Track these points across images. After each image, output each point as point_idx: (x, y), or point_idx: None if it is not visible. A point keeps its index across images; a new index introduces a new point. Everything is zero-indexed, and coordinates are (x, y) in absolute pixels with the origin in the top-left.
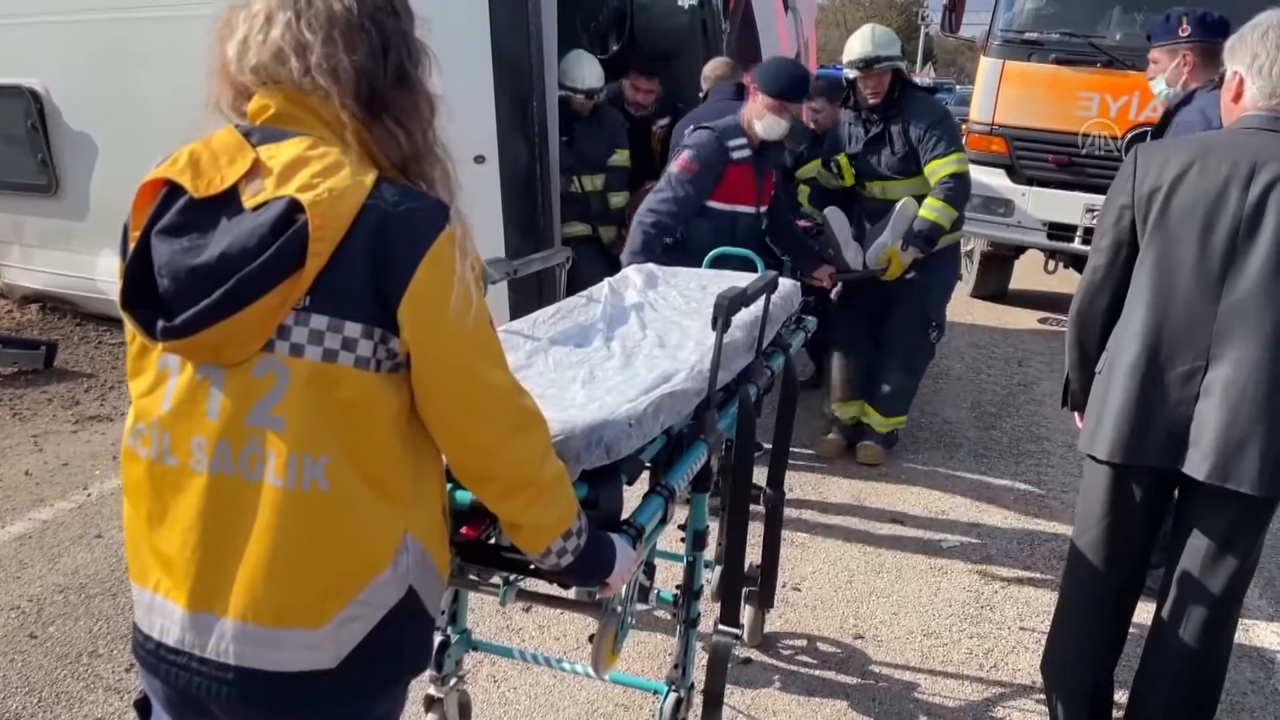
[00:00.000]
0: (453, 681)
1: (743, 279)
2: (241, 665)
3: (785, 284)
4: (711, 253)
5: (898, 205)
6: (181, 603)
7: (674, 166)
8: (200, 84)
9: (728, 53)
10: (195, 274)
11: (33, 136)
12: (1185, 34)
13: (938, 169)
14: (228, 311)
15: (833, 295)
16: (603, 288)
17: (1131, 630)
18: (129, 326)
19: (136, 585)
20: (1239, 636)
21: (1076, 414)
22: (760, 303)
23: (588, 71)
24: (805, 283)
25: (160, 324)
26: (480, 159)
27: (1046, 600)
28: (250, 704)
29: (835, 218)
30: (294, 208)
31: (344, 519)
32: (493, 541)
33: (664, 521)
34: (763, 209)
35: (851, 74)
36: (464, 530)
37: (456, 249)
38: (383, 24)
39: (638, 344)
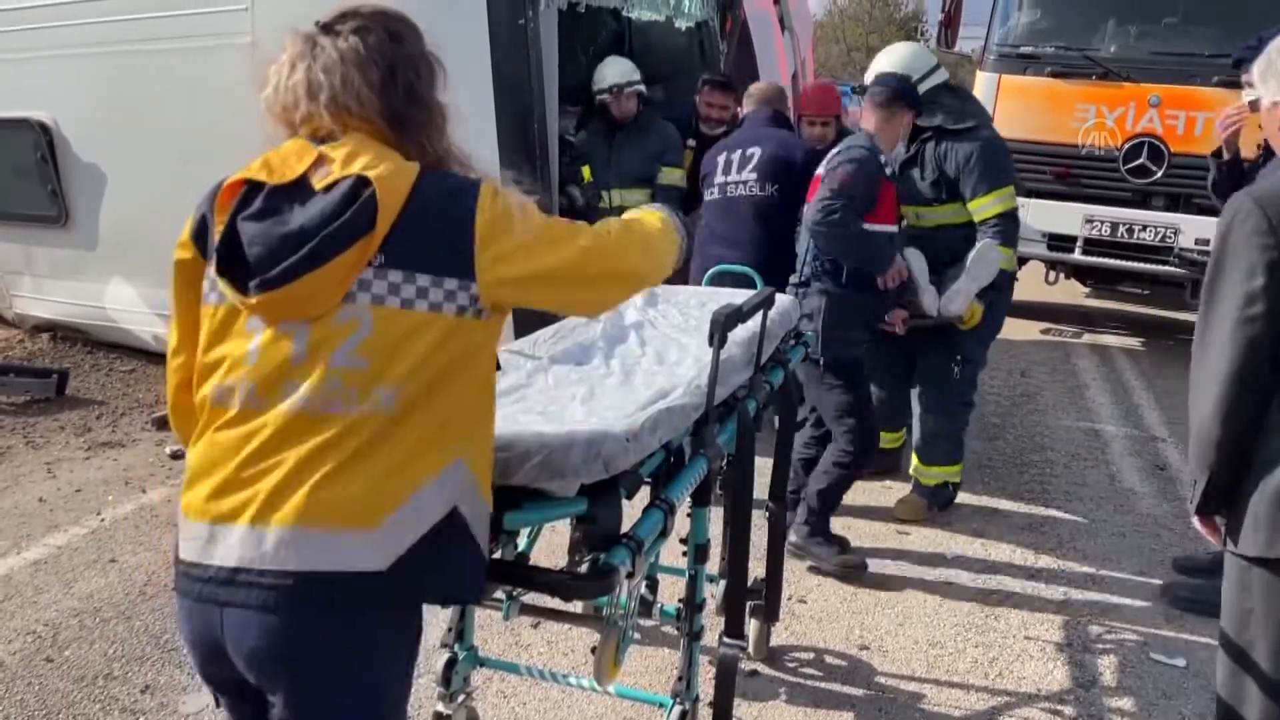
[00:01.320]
0: (460, 698)
1: (743, 296)
2: (301, 569)
3: (783, 300)
4: (711, 270)
5: (976, 249)
6: (244, 522)
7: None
8: (204, 114)
9: (725, 72)
10: (284, 239)
11: (42, 168)
12: None
13: (984, 208)
14: (315, 264)
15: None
16: (597, 327)
17: None
18: (208, 301)
19: (195, 521)
20: None
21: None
22: (758, 319)
23: (608, 70)
24: (880, 327)
25: (255, 280)
26: None
27: (1051, 609)
28: (301, 613)
29: (916, 259)
30: (361, 184)
31: (403, 440)
32: (497, 556)
33: (664, 535)
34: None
35: None
36: None
37: (493, 194)
38: (385, 52)
39: (637, 361)
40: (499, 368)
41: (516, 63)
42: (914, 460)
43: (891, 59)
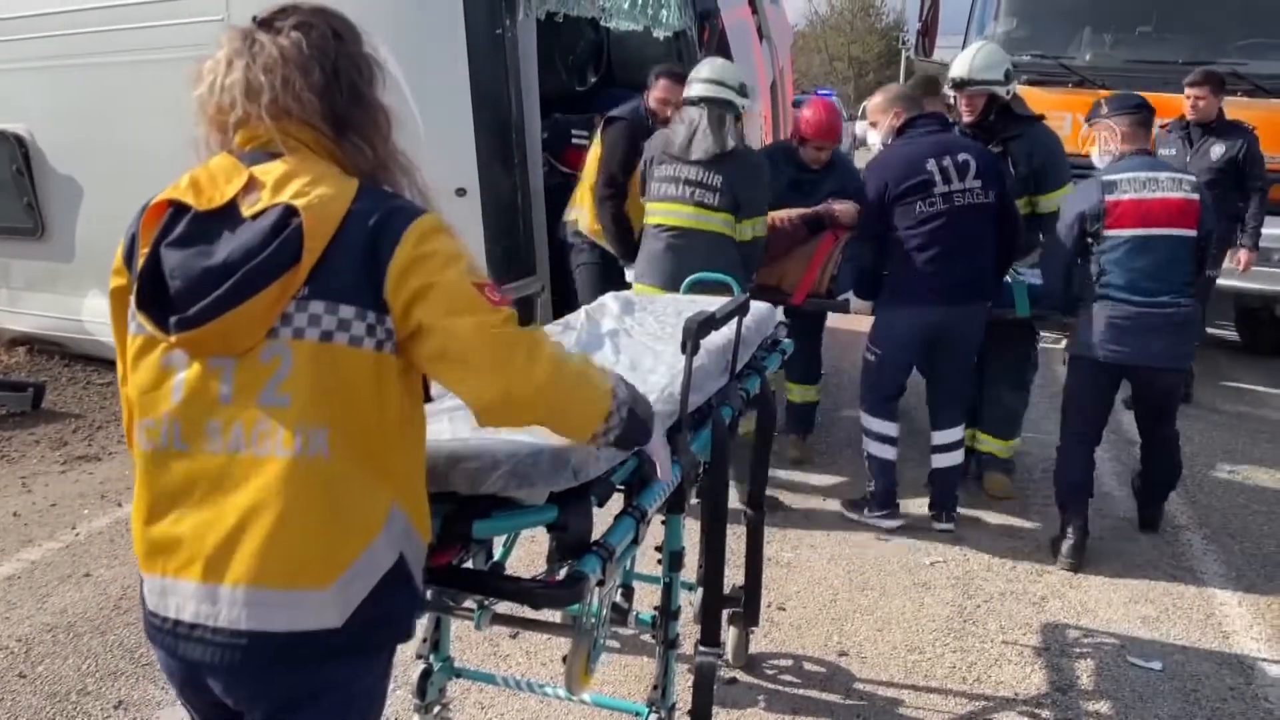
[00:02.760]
0: (436, 710)
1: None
2: (254, 629)
3: (760, 308)
4: (689, 278)
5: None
6: (195, 577)
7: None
8: (181, 126)
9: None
10: (206, 274)
11: (18, 180)
12: None
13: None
14: (236, 301)
15: None
16: (580, 315)
17: None
18: (129, 331)
19: (147, 574)
20: (1218, 644)
21: None
22: (732, 326)
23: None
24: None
25: (173, 318)
26: (461, 191)
27: (1028, 614)
28: (262, 667)
29: None
30: (289, 212)
31: (343, 487)
32: (465, 565)
33: (635, 543)
34: None
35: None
36: (434, 558)
37: (432, 230)
38: (328, 50)
39: (611, 369)
40: (430, 398)
41: (495, 72)
42: (990, 440)
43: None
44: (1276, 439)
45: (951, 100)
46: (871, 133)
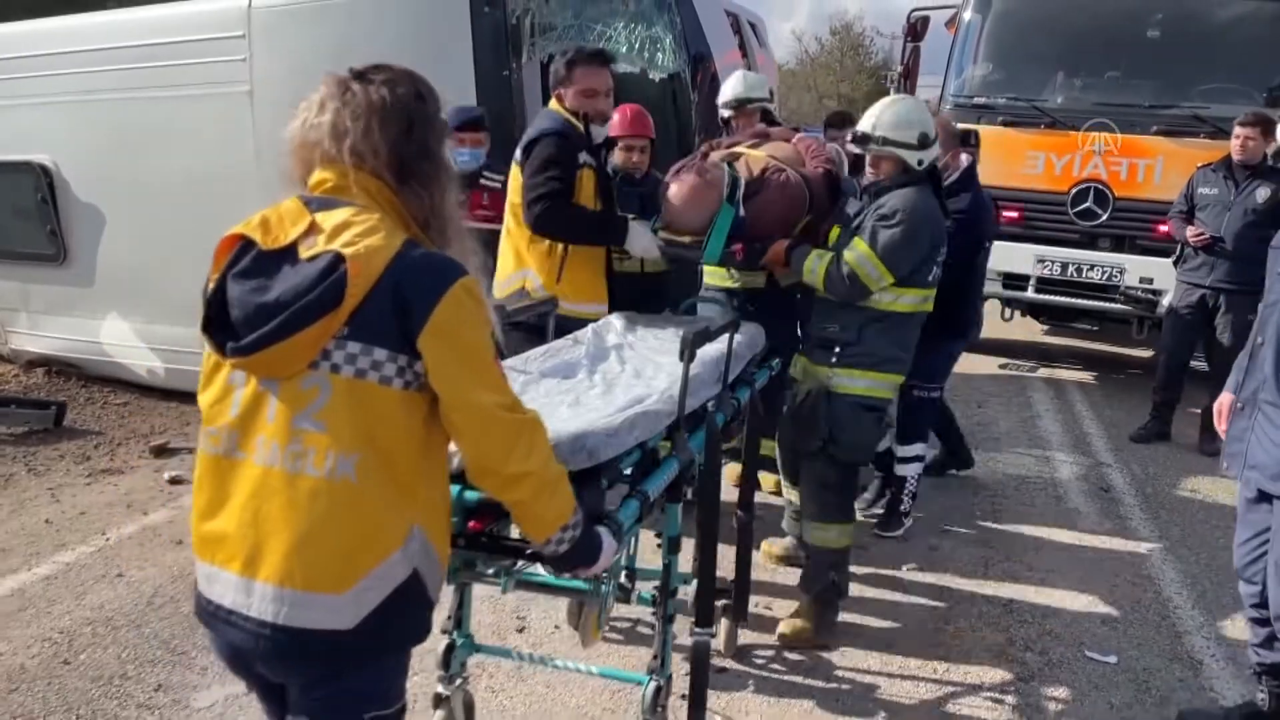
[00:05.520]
0: (458, 681)
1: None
2: (277, 623)
3: (750, 326)
4: (685, 302)
5: None
6: (235, 570)
7: None
8: (197, 160)
9: (695, 121)
10: (261, 309)
11: (42, 209)
12: None
13: None
14: (283, 336)
15: None
16: (586, 332)
17: None
18: (205, 348)
19: (200, 561)
20: (1171, 643)
21: None
22: (725, 341)
23: (728, 85)
24: None
25: (230, 345)
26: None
27: (997, 613)
28: (283, 656)
29: None
30: (338, 259)
31: (366, 507)
32: (494, 532)
33: (639, 520)
34: None
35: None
36: (471, 524)
37: (467, 296)
38: (409, 109)
39: (617, 376)
40: None
41: (503, 111)
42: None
43: None
44: None
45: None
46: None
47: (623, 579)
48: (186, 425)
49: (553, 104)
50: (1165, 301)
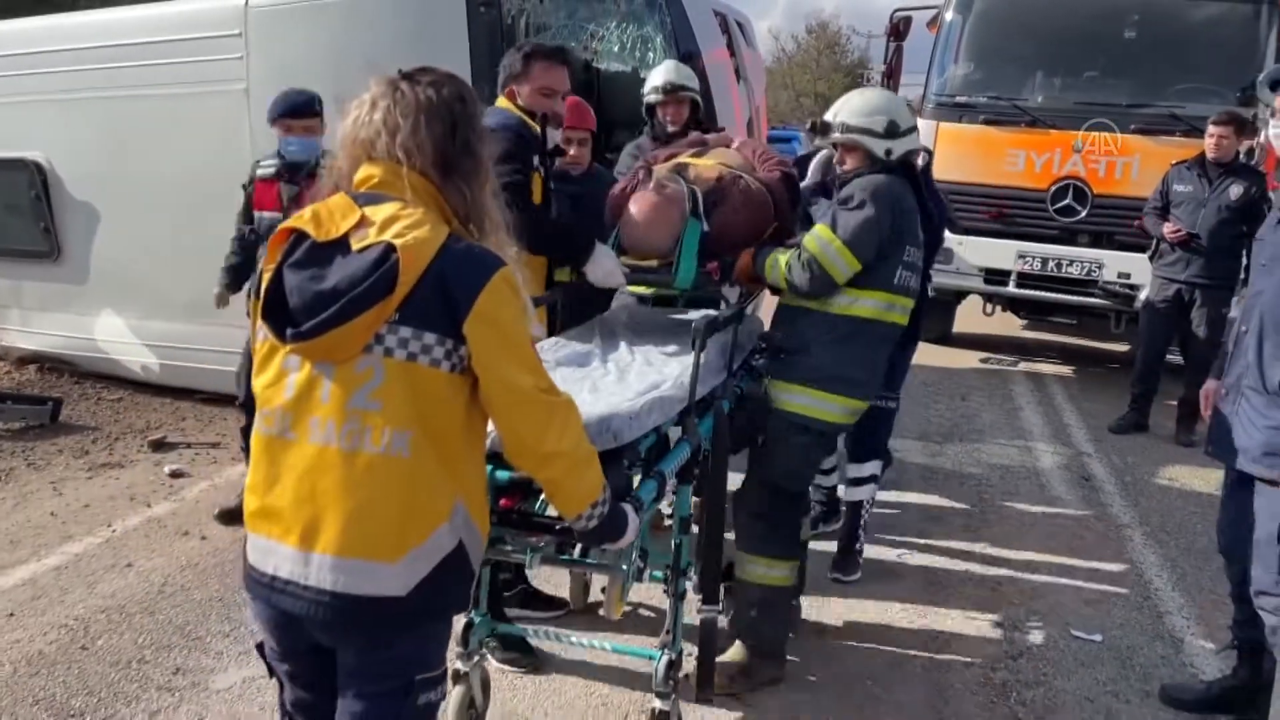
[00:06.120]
0: (476, 658)
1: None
2: (336, 590)
3: (751, 318)
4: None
5: None
6: (292, 544)
7: None
8: (190, 158)
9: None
10: (318, 296)
11: (36, 206)
12: None
13: None
14: (340, 321)
15: None
16: (594, 323)
17: None
18: (260, 333)
19: (254, 534)
20: (1153, 623)
21: None
22: (731, 330)
23: (658, 72)
24: None
25: (290, 330)
26: None
27: (985, 595)
28: (342, 622)
29: None
30: (389, 250)
31: (418, 481)
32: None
33: (656, 499)
34: None
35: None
36: (503, 501)
37: (506, 285)
38: (454, 109)
39: (629, 364)
40: None
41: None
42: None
43: None
44: None
45: None
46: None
47: (635, 557)
48: (182, 420)
49: (502, 101)
50: (1142, 296)
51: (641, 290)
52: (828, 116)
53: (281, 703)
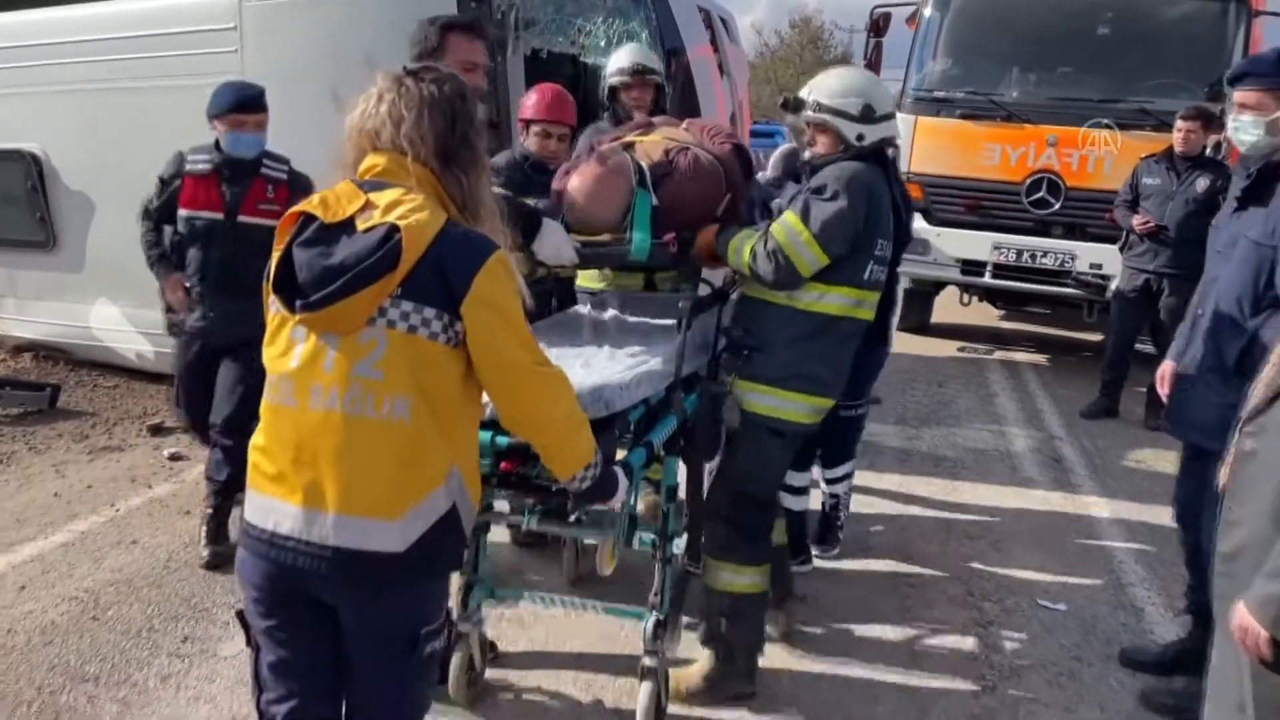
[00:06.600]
0: (474, 619)
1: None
2: (338, 545)
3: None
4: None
5: None
6: (295, 502)
7: None
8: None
9: (670, 113)
10: (326, 270)
11: (32, 196)
12: None
13: None
14: (346, 294)
15: None
16: (585, 306)
17: None
18: (272, 307)
19: (255, 493)
20: (1116, 594)
21: None
22: (715, 311)
23: (621, 54)
24: None
25: (299, 302)
26: None
27: (958, 568)
28: (340, 574)
29: None
30: (393, 230)
31: (416, 445)
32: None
33: (646, 465)
34: None
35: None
36: (504, 465)
37: (501, 267)
38: (454, 105)
39: (620, 343)
40: None
41: (488, 101)
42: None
43: None
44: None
45: None
46: None
47: (624, 524)
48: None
49: None
50: (1113, 286)
51: (595, 286)
52: (802, 93)
53: (255, 672)
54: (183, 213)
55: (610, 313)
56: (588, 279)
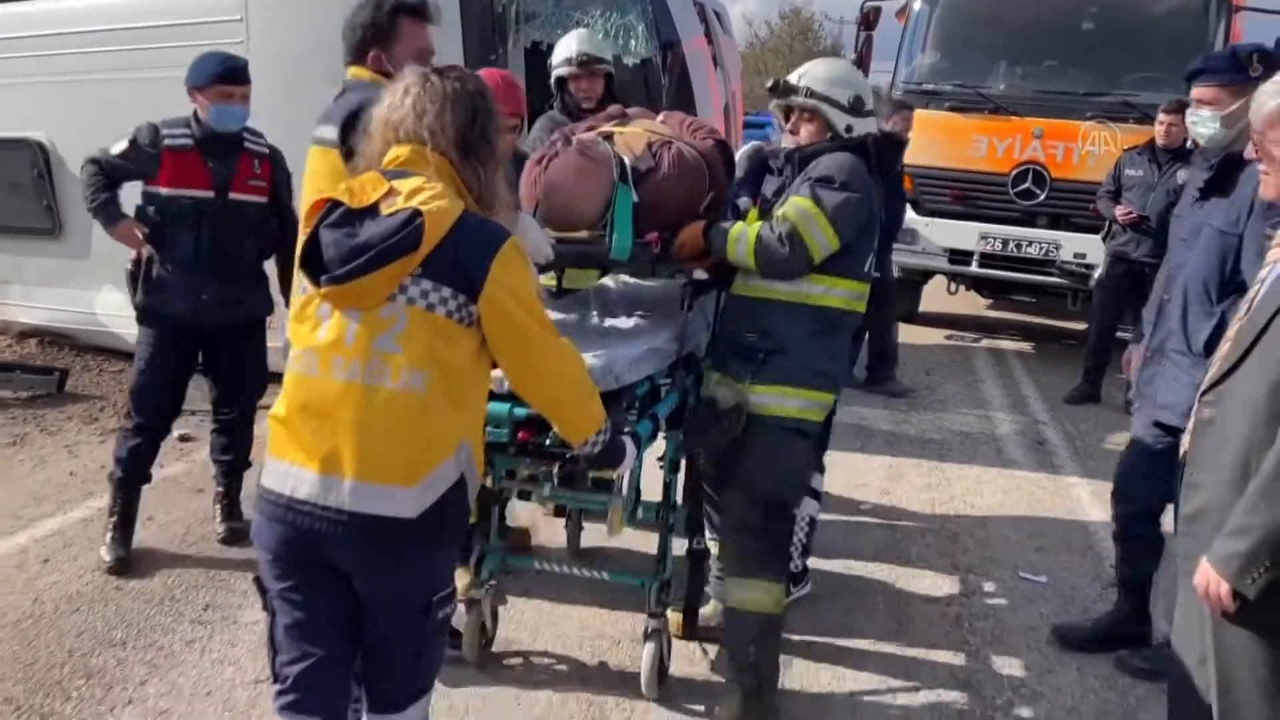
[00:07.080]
0: (487, 586)
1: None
2: (354, 510)
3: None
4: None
5: None
6: (314, 469)
7: None
8: None
9: (666, 104)
10: (352, 249)
11: (39, 184)
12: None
13: None
14: (370, 269)
15: None
16: (589, 290)
17: None
18: (299, 284)
19: (275, 459)
20: (1094, 567)
21: None
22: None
23: (567, 41)
24: None
25: (324, 277)
26: None
27: (943, 544)
28: (355, 538)
29: None
30: (416, 214)
31: (431, 415)
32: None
33: (653, 436)
34: None
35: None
36: (520, 434)
37: (515, 252)
38: (475, 101)
39: (625, 323)
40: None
41: None
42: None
43: None
44: None
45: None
46: None
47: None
48: None
49: (359, 70)
50: (1097, 275)
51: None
52: (791, 78)
53: (271, 636)
54: (164, 191)
55: (614, 296)
56: (575, 282)
